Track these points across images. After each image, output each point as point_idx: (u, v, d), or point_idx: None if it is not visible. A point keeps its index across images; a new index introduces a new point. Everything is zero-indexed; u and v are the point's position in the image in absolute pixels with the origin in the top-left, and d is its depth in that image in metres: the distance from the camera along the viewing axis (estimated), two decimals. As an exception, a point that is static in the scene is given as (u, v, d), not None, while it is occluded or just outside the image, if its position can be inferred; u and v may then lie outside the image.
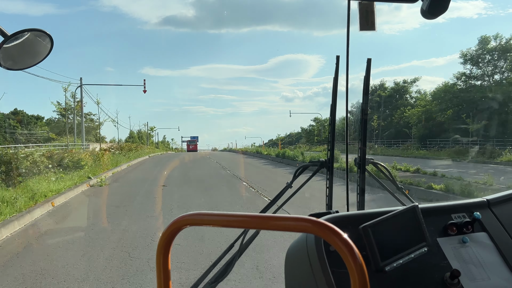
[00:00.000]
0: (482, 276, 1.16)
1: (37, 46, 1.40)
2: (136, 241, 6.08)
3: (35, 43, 1.39)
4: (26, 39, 1.36)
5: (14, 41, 1.31)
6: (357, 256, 0.62)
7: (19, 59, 1.39)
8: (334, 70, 1.58)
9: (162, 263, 0.79)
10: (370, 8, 1.45)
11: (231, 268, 1.48)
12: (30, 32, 1.36)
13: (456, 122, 33.97)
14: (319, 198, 2.29)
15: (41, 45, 1.41)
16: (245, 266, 4.91)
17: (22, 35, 1.34)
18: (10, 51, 1.32)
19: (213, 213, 0.76)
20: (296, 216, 0.67)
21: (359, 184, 1.62)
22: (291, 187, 1.67)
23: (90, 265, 5.02)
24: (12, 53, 1.33)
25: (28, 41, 1.37)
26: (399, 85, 54.38)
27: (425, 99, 45.18)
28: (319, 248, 1.06)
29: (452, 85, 39.68)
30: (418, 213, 1.14)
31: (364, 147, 1.61)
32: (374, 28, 1.46)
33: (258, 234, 1.58)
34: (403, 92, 53.64)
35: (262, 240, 5.86)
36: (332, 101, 1.63)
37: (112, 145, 31.90)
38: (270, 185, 12.70)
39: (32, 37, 1.37)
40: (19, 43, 1.34)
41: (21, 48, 1.35)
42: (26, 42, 1.36)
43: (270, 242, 5.85)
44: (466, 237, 1.23)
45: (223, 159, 30.54)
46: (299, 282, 1.14)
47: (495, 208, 1.37)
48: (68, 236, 6.62)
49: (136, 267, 4.91)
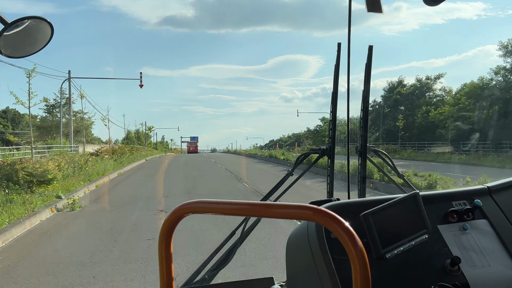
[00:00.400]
0: (482, 263, 1.16)
1: (37, 34, 1.41)
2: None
3: (35, 30, 1.40)
4: (26, 27, 1.37)
5: (14, 28, 1.33)
6: (358, 243, 0.64)
7: (20, 46, 1.41)
8: (334, 66, 1.66)
9: (164, 250, 0.79)
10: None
11: (232, 255, 1.54)
12: (30, 19, 1.37)
13: (498, 122, 28.89)
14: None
15: (41, 32, 1.41)
16: (246, 253, 5.00)
17: (22, 22, 1.35)
18: (11, 38, 1.34)
19: (214, 201, 0.76)
20: (297, 204, 0.68)
21: (360, 172, 1.68)
22: (292, 175, 1.76)
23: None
24: (13, 40, 1.35)
25: (28, 29, 1.38)
26: (421, 81, 48.84)
27: (454, 97, 39.74)
28: (320, 235, 1.08)
29: (488, 80, 34.62)
30: (419, 200, 1.14)
31: (365, 135, 1.68)
32: (381, 10, 1.48)
33: (259, 222, 1.64)
34: (425, 90, 48.33)
35: (263, 227, 5.89)
36: (334, 88, 1.66)
37: (101, 148, 26.54)
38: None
39: (32, 24, 1.39)
40: (19, 30, 1.35)
41: (22, 36, 1.37)
42: (26, 29, 1.37)
43: (271, 230, 5.97)
44: (466, 224, 1.24)
45: (231, 163, 26.46)
46: (300, 269, 1.17)
47: (496, 195, 1.37)
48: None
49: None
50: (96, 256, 5.50)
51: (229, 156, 44.93)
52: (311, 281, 1.11)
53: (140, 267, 5.02)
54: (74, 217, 8.59)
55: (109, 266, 5.05)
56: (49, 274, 4.86)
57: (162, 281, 0.81)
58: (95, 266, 5.07)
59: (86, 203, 10.09)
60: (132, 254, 5.61)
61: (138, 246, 5.99)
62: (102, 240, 6.39)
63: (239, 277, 4.13)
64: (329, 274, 1.03)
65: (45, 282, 4.63)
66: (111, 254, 5.59)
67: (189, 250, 5.54)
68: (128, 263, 5.21)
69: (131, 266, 5.07)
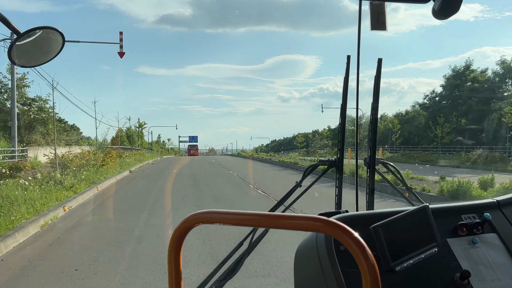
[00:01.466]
0: (492, 277, 1.17)
1: (49, 43, 1.44)
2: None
3: (47, 40, 1.42)
4: (39, 37, 1.39)
5: (26, 38, 1.35)
6: (369, 256, 0.63)
7: (32, 56, 1.43)
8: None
9: (174, 260, 0.79)
10: (381, 8, 1.50)
11: (240, 266, 1.51)
12: (42, 29, 1.39)
13: None
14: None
15: (53, 42, 1.44)
16: (254, 264, 4.90)
17: (34, 32, 1.38)
18: (23, 48, 1.36)
19: (224, 212, 0.76)
20: (307, 215, 0.69)
21: (368, 184, 1.67)
22: (300, 186, 1.72)
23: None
24: (25, 50, 1.37)
25: (41, 39, 1.40)
26: (506, 63, 36.66)
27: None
28: (329, 247, 1.07)
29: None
30: (428, 213, 1.14)
31: (374, 147, 1.67)
32: (385, 28, 1.51)
33: (267, 233, 1.61)
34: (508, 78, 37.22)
35: (272, 239, 5.77)
36: (343, 101, 1.67)
37: (65, 155, 17.67)
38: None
39: (44, 34, 1.41)
40: (32, 40, 1.37)
41: (34, 46, 1.39)
42: (38, 39, 1.39)
43: (279, 241, 5.82)
44: (476, 238, 1.24)
45: (244, 172, 21.95)
46: (309, 281, 1.16)
47: (505, 209, 1.37)
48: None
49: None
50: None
51: (236, 160, 37.79)
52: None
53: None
54: None
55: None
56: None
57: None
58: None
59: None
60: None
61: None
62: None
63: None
64: (338, 286, 1.03)
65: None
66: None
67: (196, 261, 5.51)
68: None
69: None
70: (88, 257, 5.77)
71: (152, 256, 5.74)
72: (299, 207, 8.05)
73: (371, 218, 1.16)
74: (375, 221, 1.09)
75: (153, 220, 8.49)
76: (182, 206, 10.32)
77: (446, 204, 1.40)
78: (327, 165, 1.78)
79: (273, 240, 5.96)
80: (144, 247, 6.33)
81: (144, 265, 5.33)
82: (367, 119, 1.79)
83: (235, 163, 33.14)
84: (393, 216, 1.11)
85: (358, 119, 1.81)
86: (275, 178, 19.02)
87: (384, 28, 1.53)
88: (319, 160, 1.83)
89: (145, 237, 7.02)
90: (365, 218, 1.19)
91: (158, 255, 5.76)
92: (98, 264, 5.44)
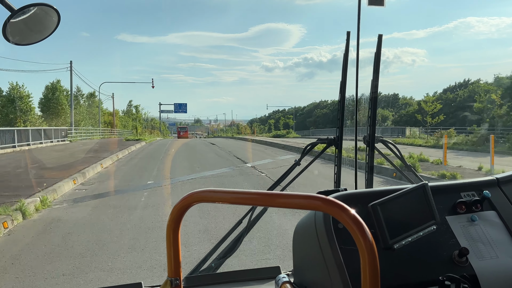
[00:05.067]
0: (490, 254, 1.16)
1: (44, 21, 1.41)
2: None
3: (42, 17, 1.40)
4: (33, 14, 1.37)
5: (21, 15, 1.32)
6: (367, 234, 0.63)
7: (27, 34, 1.41)
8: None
9: (172, 237, 0.80)
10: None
11: (239, 244, 1.56)
12: (36, 6, 1.37)
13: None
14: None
15: (48, 19, 1.41)
16: (253, 242, 4.98)
17: (29, 9, 1.35)
18: (18, 26, 1.33)
19: (223, 190, 0.76)
20: (305, 194, 0.68)
21: (367, 162, 1.68)
22: (299, 164, 1.76)
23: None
24: (20, 28, 1.35)
25: (35, 16, 1.38)
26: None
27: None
28: (327, 225, 1.08)
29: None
30: (427, 191, 1.14)
31: (373, 125, 1.66)
32: (383, 3, 1.50)
33: (266, 211, 1.69)
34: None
35: (270, 217, 5.92)
36: (342, 78, 1.65)
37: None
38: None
39: (39, 11, 1.38)
40: (26, 17, 1.35)
41: (28, 23, 1.37)
42: (33, 16, 1.37)
43: (278, 219, 5.96)
44: (475, 216, 1.24)
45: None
46: (307, 258, 1.18)
47: (505, 186, 1.36)
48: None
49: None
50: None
51: (241, 144, 25.77)
52: (317, 271, 1.12)
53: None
54: None
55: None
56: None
57: (169, 268, 0.82)
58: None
59: None
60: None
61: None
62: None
63: (246, 266, 4.18)
64: (336, 264, 1.03)
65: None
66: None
67: (196, 238, 5.58)
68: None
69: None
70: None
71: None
72: (297, 185, 8.14)
73: (369, 196, 1.15)
74: (373, 199, 1.08)
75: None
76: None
77: (445, 182, 1.38)
78: (326, 143, 1.76)
79: (272, 218, 6.05)
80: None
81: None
82: (367, 97, 1.76)
83: (240, 148, 21.86)
84: (392, 194, 1.10)
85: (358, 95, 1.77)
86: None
87: (381, 4, 1.51)
88: (318, 139, 1.80)
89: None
90: (363, 196, 1.17)
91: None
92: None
